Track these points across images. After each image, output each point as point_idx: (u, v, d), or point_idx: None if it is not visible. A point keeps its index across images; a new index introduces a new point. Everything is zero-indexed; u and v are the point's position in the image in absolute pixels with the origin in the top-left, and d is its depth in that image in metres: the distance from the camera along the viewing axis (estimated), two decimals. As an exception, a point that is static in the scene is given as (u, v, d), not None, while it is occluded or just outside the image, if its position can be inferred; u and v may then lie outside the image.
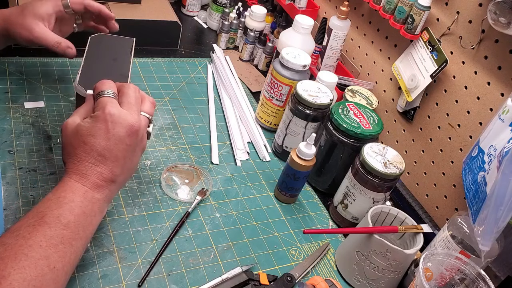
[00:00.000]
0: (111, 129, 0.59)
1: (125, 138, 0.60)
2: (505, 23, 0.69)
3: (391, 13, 0.90)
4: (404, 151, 0.96)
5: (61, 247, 0.53)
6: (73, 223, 0.55)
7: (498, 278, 0.72)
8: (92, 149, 0.59)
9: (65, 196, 0.56)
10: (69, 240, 0.54)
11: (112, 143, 0.59)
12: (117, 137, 0.60)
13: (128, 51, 0.79)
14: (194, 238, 0.75)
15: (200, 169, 0.87)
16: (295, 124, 0.90)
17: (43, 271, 0.51)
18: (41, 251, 0.51)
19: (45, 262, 0.51)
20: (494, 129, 0.68)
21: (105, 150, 0.59)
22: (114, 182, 0.61)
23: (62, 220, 0.54)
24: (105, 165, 0.59)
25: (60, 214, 0.55)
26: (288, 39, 1.02)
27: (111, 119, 0.59)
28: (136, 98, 0.64)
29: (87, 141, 0.59)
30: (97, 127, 0.59)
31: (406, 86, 0.91)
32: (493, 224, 0.61)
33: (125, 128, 0.60)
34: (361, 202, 0.80)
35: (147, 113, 0.65)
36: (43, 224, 0.53)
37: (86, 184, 0.58)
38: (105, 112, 0.60)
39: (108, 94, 0.62)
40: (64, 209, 0.55)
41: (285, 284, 0.70)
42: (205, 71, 1.15)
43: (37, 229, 0.53)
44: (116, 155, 0.60)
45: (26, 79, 0.93)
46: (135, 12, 1.11)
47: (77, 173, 0.59)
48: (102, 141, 0.59)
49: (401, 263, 0.71)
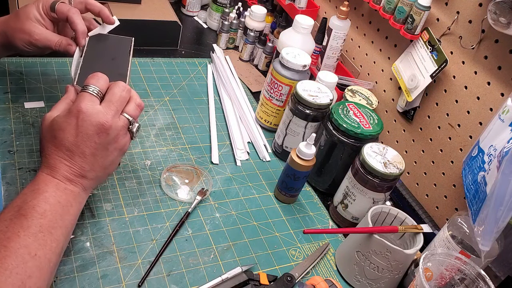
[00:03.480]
0: (80, 125, 0.60)
1: (93, 136, 0.60)
2: (505, 23, 0.69)
3: (391, 13, 0.90)
4: (404, 151, 0.96)
5: (40, 235, 0.54)
6: (49, 212, 0.56)
7: (498, 278, 0.72)
8: (61, 144, 0.60)
9: (38, 188, 0.58)
10: (48, 229, 0.55)
11: (79, 139, 0.60)
12: (85, 134, 0.60)
13: (127, 51, 0.78)
14: (194, 238, 0.75)
15: (200, 169, 0.87)
16: (295, 124, 0.90)
17: (24, 259, 0.52)
18: (19, 241, 0.52)
19: (25, 251, 0.52)
20: (494, 129, 0.68)
21: (73, 146, 0.60)
22: (85, 177, 0.62)
23: (38, 210, 0.55)
24: (73, 160, 0.60)
25: (35, 205, 0.56)
26: (288, 39, 1.02)
27: (82, 116, 0.60)
28: (120, 97, 0.63)
29: (57, 136, 0.60)
30: (67, 122, 0.60)
31: (406, 86, 0.91)
32: (493, 224, 0.61)
33: (94, 126, 0.60)
34: (361, 202, 0.80)
35: (130, 115, 0.64)
36: (19, 216, 0.54)
37: (56, 176, 0.59)
38: (77, 108, 0.60)
39: (89, 90, 0.62)
40: (39, 199, 0.56)
41: (285, 284, 0.70)
42: (205, 71, 1.15)
43: (14, 222, 0.54)
44: (83, 151, 0.60)
45: (26, 79, 0.93)
46: (135, 12, 1.11)
47: (48, 166, 0.60)
48: (70, 137, 0.60)
49: (401, 263, 0.71)
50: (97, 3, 0.81)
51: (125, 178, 0.81)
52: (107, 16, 0.81)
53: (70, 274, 0.65)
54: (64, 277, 0.64)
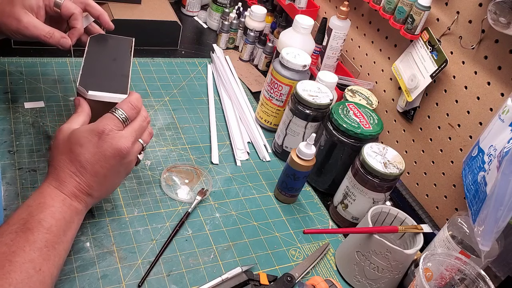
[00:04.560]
0: (100, 145, 0.60)
1: (110, 158, 0.61)
2: (505, 23, 0.69)
3: (391, 13, 0.90)
4: (404, 151, 0.96)
5: (45, 250, 0.54)
6: (55, 227, 0.56)
7: (498, 278, 0.72)
8: (76, 159, 0.60)
9: (45, 202, 0.57)
10: (52, 244, 0.55)
11: (96, 158, 0.60)
12: (103, 155, 0.61)
13: (128, 51, 0.78)
14: (194, 238, 0.75)
15: (200, 169, 0.87)
16: (295, 124, 0.90)
17: (29, 274, 0.51)
18: (24, 255, 0.52)
19: (30, 265, 0.52)
20: (494, 129, 0.68)
21: (88, 163, 0.60)
22: (90, 196, 0.62)
23: (44, 224, 0.55)
24: (83, 177, 0.60)
25: (42, 219, 0.56)
26: (288, 39, 1.02)
27: (104, 137, 0.60)
28: (141, 126, 0.66)
29: (74, 150, 0.60)
30: (87, 139, 0.60)
31: (406, 86, 0.91)
32: (493, 224, 0.61)
33: (114, 149, 0.61)
34: (361, 202, 0.80)
35: (144, 141, 0.67)
36: (26, 230, 0.54)
37: (63, 191, 0.59)
38: (102, 128, 0.61)
39: (117, 114, 0.63)
40: (46, 213, 0.56)
41: (285, 284, 0.70)
42: (205, 71, 1.15)
43: (19, 236, 0.53)
44: (97, 170, 0.61)
45: (26, 79, 0.93)
46: (135, 12, 1.11)
47: (57, 179, 0.60)
48: (88, 154, 0.60)
49: (401, 263, 0.71)
50: (99, 7, 0.80)
51: (125, 178, 0.81)
52: (106, 22, 0.80)
53: (70, 274, 0.65)
54: (64, 277, 0.64)
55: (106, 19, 0.80)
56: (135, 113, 0.65)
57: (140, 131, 0.66)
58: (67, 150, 0.60)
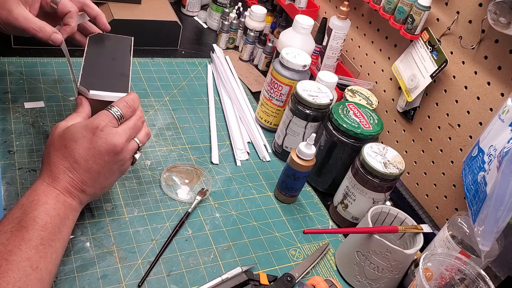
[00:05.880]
0: (94, 141, 0.60)
1: (104, 154, 0.61)
2: (505, 23, 0.69)
3: (391, 13, 0.90)
4: (404, 151, 0.96)
5: (41, 247, 0.54)
6: (50, 224, 0.56)
7: (498, 278, 0.72)
8: (70, 154, 0.60)
9: (38, 199, 0.57)
10: (48, 241, 0.55)
11: (90, 154, 0.60)
12: (97, 150, 0.61)
13: (128, 50, 0.78)
14: (194, 238, 0.75)
15: (200, 169, 0.87)
16: (295, 124, 0.90)
17: (27, 272, 0.51)
18: (21, 254, 0.52)
19: (28, 263, 0.52)
20: (494, 129, 0.68)
21: (81, 159, 0.60)
22: (84, 192, 0.62)
23: (39, 222, 0.55)
24: (77, 173, 0.60)
25: (36, 216, 0.55)
26: (288, 39, 1.02)
27: (99, 133, 0.61)
28: (135, 125, 0.66)
29: (68, 145, 0.60)
30: (81, 134, 0.60)
31: (406, 86, 0.91)
32: (493, 224, 0.61)
33: (108, 145, 0.61)
34: (361, 202, 0.80)
35: (140, 141, 0.67)
36: (21, 229, 0.54)
37: (57, 187, 0.59)
38: (96, 124, 0.61)
39: (112, 111, 0.63)
40: (40, 211, 0.56)
41: (285, 284, 0.70)
42: (205, 71, 1.15)
43: (15, 234, 0.53)
44: (90, 166, 0.61)
45: (26, 79, 0.93)
46: (135, 12, 1.11)
47: (50, 175, 0.60)
48: (81, 149, 0.60)
49: (401, 263, 0.71)
50: (96, 8, 0.79)
51: (125, 178, 0.81)
52: (103, 23, 0.79)
53: (70, 274, 0.65)
54: (64, 277, 0.64)
55: (103, 20, 0.79)
56: (130, 112, 0.65)
57: (134, 129, 0.66)
58: (61, 146, 0.60)
